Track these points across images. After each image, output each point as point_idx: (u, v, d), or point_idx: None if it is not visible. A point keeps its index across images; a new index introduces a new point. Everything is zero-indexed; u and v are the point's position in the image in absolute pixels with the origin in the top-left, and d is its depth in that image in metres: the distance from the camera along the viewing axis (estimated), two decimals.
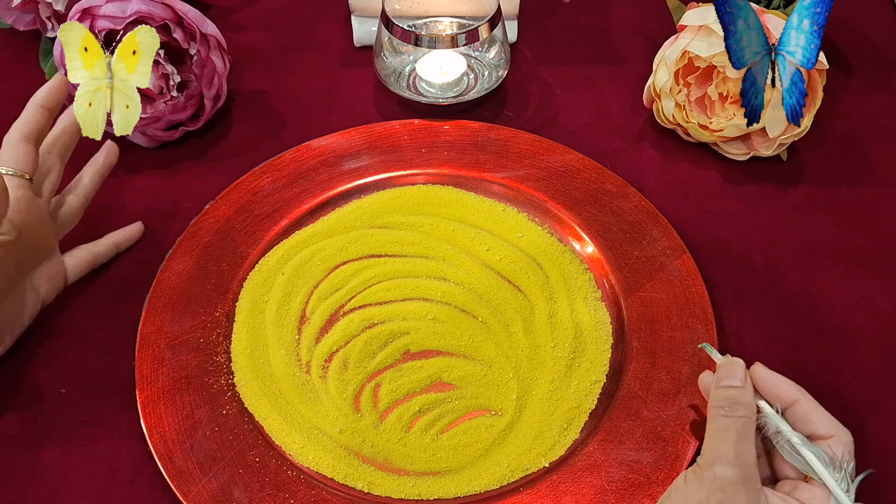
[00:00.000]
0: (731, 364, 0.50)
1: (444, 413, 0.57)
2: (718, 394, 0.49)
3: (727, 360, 0.51)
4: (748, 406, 0.48)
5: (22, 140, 0.57)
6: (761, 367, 0.50)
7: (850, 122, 0.74)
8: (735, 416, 0.47)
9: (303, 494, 0.53)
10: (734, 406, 0.48)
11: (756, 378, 0.50)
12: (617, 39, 0.82)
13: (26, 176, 0.57)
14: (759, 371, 0.50)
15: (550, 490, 0.53)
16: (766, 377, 0.50)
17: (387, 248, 0.65)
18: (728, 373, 0.50)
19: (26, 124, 0.57)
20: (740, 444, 0.46)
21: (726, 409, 0.48)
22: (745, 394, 0.49)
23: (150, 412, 0.55)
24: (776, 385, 0.49)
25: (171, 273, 0.62)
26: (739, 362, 0.50)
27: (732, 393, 0.49)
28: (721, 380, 0.50)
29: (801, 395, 0.49)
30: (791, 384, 0.49)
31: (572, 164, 0.69)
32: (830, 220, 0.67)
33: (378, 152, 0.70)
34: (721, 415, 0.48)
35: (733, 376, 0.49)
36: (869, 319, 0.61)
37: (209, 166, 0.72)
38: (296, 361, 0.59)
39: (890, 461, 0.55)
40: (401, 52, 0.76)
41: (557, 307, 0.61)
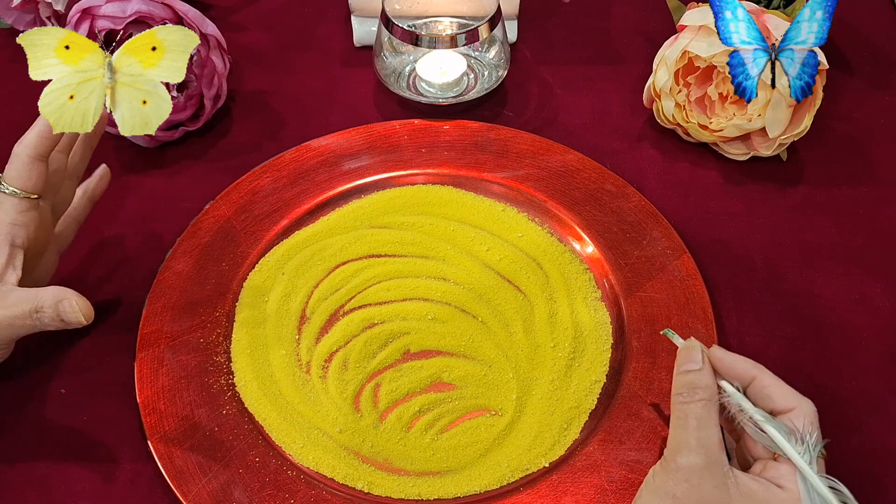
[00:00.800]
0: (689, 349, 0.50)
1: (444, 413, 0.57)
2: (678, 380, 0.49)
3: (686, 344, 0.51)
4: (707, 388, 0.48)
5: (32, 159, 0.54)
6: (718, 348, 0.50)
7: (850, 122, 0.74)
8: (694, 401, 0.47)
9: (303, 494, 0.53)
10: (693, 391, 0.47)
11: (714, 360, 0.49)
12: (617, 39, 0.82)
13: (33, 196, 0.54)
14: (717, 352, 0.50)
15: (550, 490, 0.53)
16: (724, 357, 0.49)
17: (387, 248, 0.65)
18: (686, 357, 0.50)
19: (39, 139, 0.54)
20: (701, 430, 0.46)
21: (685, 395, 0.48)
22: (704, 376, 0.48)
23: (150, 412, 0.55)
24: (734, 364, 0.49)
25: (171, 273, 0.62)
26: (696, 345, 0.50)
27: (691, 377, 0.48)
28: (680, 365, 0.49)
29: (759, 372, 0.48)
30: (748, 361, 0.49)
31: (572, 164, 0.69)
32: (830, 220, 0.67)
33: (378, 152, 0.70)
34: (680, 402, 0.48)
35: (691, 360, 0.49)
36: (869, 319, 0.61)
37: (209, 166, 0.72)
38: (296, 361, 0.59)
39: (890, 461, 0.55)
40: (401, 52, 0.76)
41: (557, 307, 0.61)
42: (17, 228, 0.53)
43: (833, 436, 0.55)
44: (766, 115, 0.65)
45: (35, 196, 0.54)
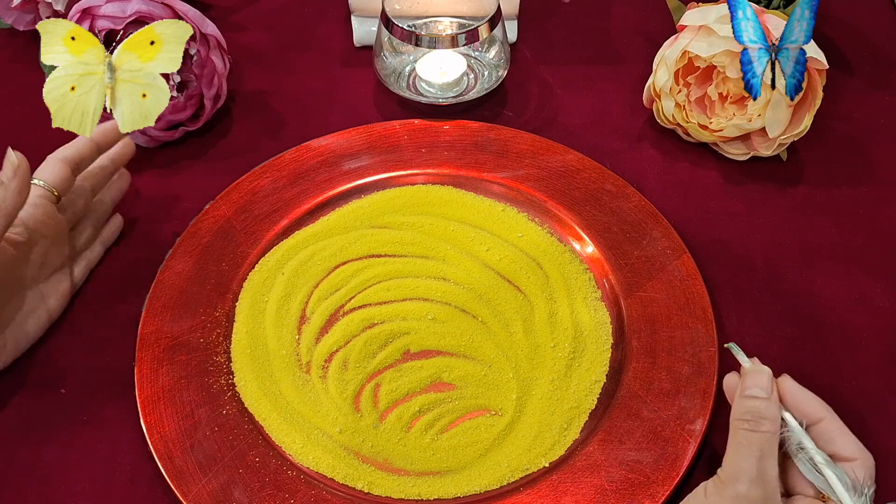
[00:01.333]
0: (758, 373, 0.49)
1: (444, 413, 0.57)
2: (743, 404, 0.47)
3: (754, 367, 0.49)
4: (773, 420, 0.46)
5: (60, 160, 0.59)
6: (789, 379, 0.49)
7: (850, 122, 0.74)
8: (759, 431, 0.46)
9: (303, 494, 0.53)
10: (759, 420, 0.46)
11: (783, 391, 0.48)
12: (617, 39, 0.82)
13: (55, 192, 0.59)
14: (787, 384, 0.49)
15: (550, 490, 0.53)
16: (794, 391, 0.48)
17: (387, 248, 0.65)
18: (754, 382, 0.48)
19: (71, 149, 0.60)
20: (763, 462, 0.45)
21: (751, 424, 0.46)
22: (771, 407, 0.47)
23: (150, 412, 0.55)
24: (803, 401, 0.48)
25: (171, 273, 0.62)
26: (766, 371, 0.49)
27: (757, 405, 0.47)
28: (746, 389, 0.48)
29: (828, 414, 0.47)
30: (818, 401, 0.48)
31: (572, 164, 0.69)
32: (830, 220, 0.67)
33: (378, 152, 0.70)
34: (745, 428, 0.46)
35: (759, 386, 0.48)
36: (869, 319, 0.61)
37: (209, 166, 0.72)
38: (296, 361, 0.59)
39: (890, 461, 0.55)
40: (401, 52, 0.76)
41: (557, 307, 0.61)
42: (29, 206, 0.57)
43: None
44: (766, 115, 0.65)
45: (56, 193, 0.59)
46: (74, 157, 0.60)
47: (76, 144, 0.60)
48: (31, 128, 0.73)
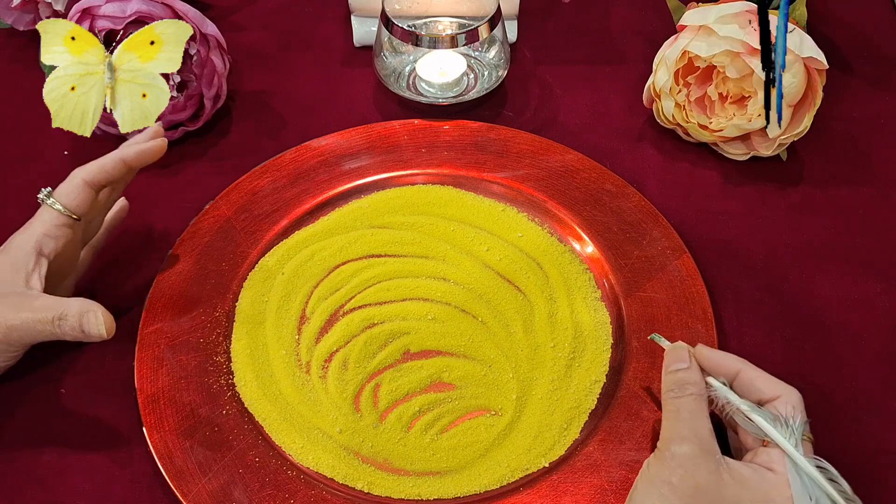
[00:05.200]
0: (676, 349, 0.52)
1: (444, 413, 0.57)
2: (668, 379, 0.51)
3: (673, 345, 0.53)
4: (696, 384, 0.50)
5: (86, 185, 0.56)
6: (703, 346, 0.52)
7: (850, 122, 0.74)
8: (685, 396, 0.49)
9: (303, 494, 0.53)
10: (682, 386, 0.50)
11: (700, 357, 0.52)
12: (617, 39, 0.82)
13: (74, 216, 0.56)
14: (702, 350, 0.52)
15: (550, 490, 0.53)
16: (709, 355, 0.52)
17: (387, 248, 0.65)
18: (674, 357, 0.52)
19: (101, 172, 0.57)
20: (693, 421, 0.48)
21: (675, 391, 0.50)
22: (692, 373, 0.51)
23: (150, 412, 0.55)
24: (720, 361, 0.51)
25: (171, 273, 0.62)
26: (683, 346, 0.53)
27: (680, 375, 0.51)
28: (669, 366, 0.52)
29: (744, 365, 0.51)
30: (733, 357, 0.51)
31: (572, 164, 0.69)
32: (830, 220, 0.67)
33: (378, 152, 0.70)
34: (671, 397, 0.50)
35: (679, 360, 0.52)
36: (869, 319, 0.61)
37: (209, 166, 0.72)
38: (296, 361, 0.59)
39: (890, 461, 0.55)
40: (401, 52, 0.76)
41: (557, 307, 0.61)
42: (48, 239, 0.55)
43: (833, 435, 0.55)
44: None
45: (76, 217, 0.56)
46: (100, 181, 0.57)
47: (105, 165, 0.57)
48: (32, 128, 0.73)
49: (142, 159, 0.58)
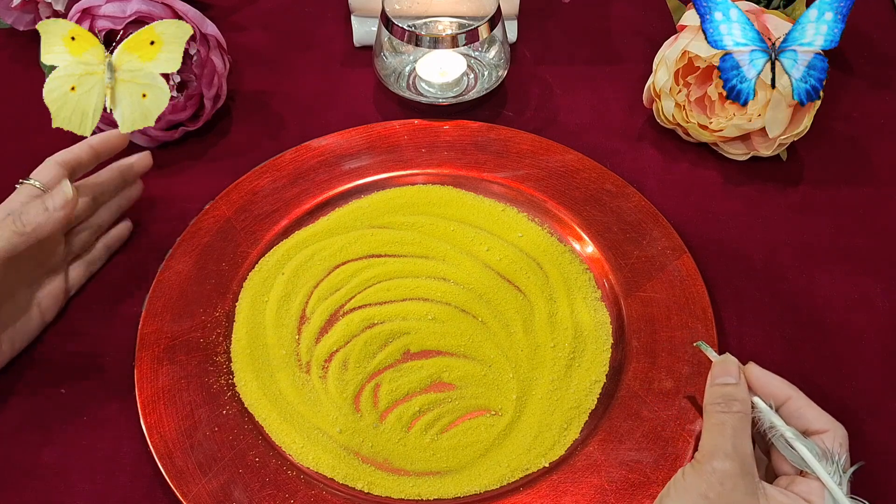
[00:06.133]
0: (726, 362, 0.51)
1: (444, 413, 0.57)
2: (714, 391, 0.50)
3: (722, 358, 0.52)
4: (743, 402, 0.49)
5: (58, 164, 0.59)
6: (755, 365, 0.51)
7: (850, 122, 0.74)
8: (731, 412, 0.48)
9: (303, 494, 0.53)
10: (729, 402, 0.49)
11: (750, 376, 0.51)
12: (617, 39, 0.82)
13: (45, 189, 0.58)
14: (753, 370, 0.51)
15: (550, 490, 0.53)
16: (760, 375, 0.51)
17: (387, 248, 0.65)
18: (722, 371, 0.51)
19: (69, 154, 0.59)
20: (737, 438, 0.47)
21: (722, 406, 0.49)
22: (740, 390, 0.50)
23: (150, 412, 0.55)
24: (769, 383, 0.50)
25: (171, 273, 0.62)
26: (733, 360, 0.51)
27: (728, 390, 0.50)
28: (716, 378, 0.51)
29: (794, 393, 0.50)
30: (783, 382, 0.50)
31: (572, 164, 0.69)
32: (830, 220, 0.67)
33: (378, 152, 0.70)
34: (717, 411, 0.49)
35: (728, 374, 0.51)
36: (869, 319, 0.61)
37: (209, 166, 0.72)
38: (296, 361, 0.59)
39: (890, 461, 0.55)
40: (401, 52, 0.76)
41: (557, 307, 0.61)
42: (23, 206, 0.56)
43: None
44: (766, 115, 0.65)
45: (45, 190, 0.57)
46: (71, 162, 0.59)
47: (74, 149, 0.60)
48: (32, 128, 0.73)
49: (106, 145, 0.61)
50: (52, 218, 0.55)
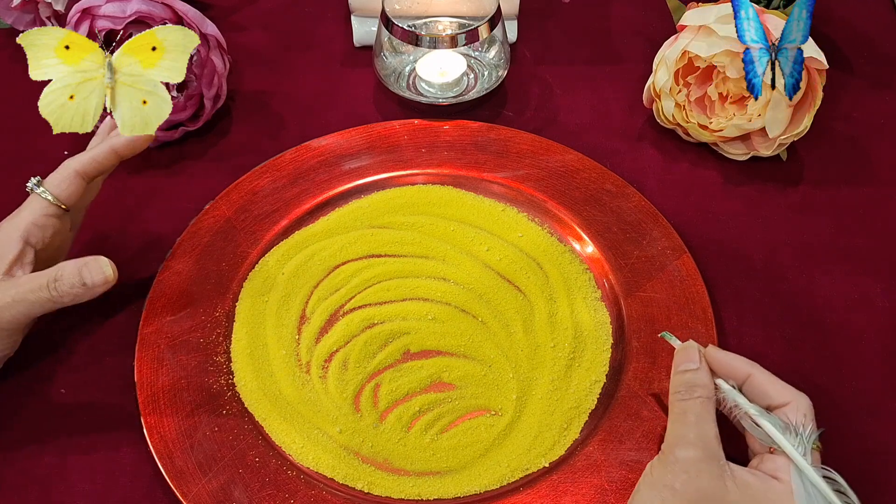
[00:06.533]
0: (686, 349, 0.52)
1: (444, 413, 0.57)
2: (676, 379, 0.50)
3: (683, 345, 0.52)
4: (704, 386, 0.49)
5: (77, 175, 0.56)
6: (714, 348, 0.51)
7: (850, 122, 0.74)
8: (692, 398, 0.49)
9: (303, 494, 0.53)
10: (690, 389, 0.49)
11: (710, 359, 0.51)
12: (617, 39, 0.82)
13: (63, 206, 0.56)
14: (712, 352, 0.51)
15: (550, 490, 0.53)
16: (720, 357, 0.51)
17: (387, 248, 0.65)
18: (683, 358, 0.51)
19: (92, 162, 0.57)
20: (699, 426, 0.47)
21: (683, 393, 0.49)
22: (701, 375, 0.50)
23: (150, 412, 0.55)
24: (730, 363, 0.50)
25: (171, 273, 0.62)
26: (693, 346, 0.52)
27: (688, 377, 0.50)
28: (678, 365, 0.51)
29: (754, 369, 0.50)
30: (743, 360, 0.50)
31: (572, 164, 0.69)
32: (830, 220, 0.67)
33: (378, 152, 0.70)
34: (679, 399, 0.49)
35: (689, 360, 0.51)
36: (869, 319, 0.61)
37: (209, 166, 0.72)
38: (296, 361, 0.59)
39: (890, 461, 0.55)
40: (401, 52, 0.76)
41: (557, 307, 0.61)
42: (36, 228, 0.55)
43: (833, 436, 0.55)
44: (766, 115, 0.65)
45: (64, 207, 0.56)
46: (91, 172, 0.57)
47: (98, 158, 0.57)
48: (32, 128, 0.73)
49: (131, 147, 0.58)
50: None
